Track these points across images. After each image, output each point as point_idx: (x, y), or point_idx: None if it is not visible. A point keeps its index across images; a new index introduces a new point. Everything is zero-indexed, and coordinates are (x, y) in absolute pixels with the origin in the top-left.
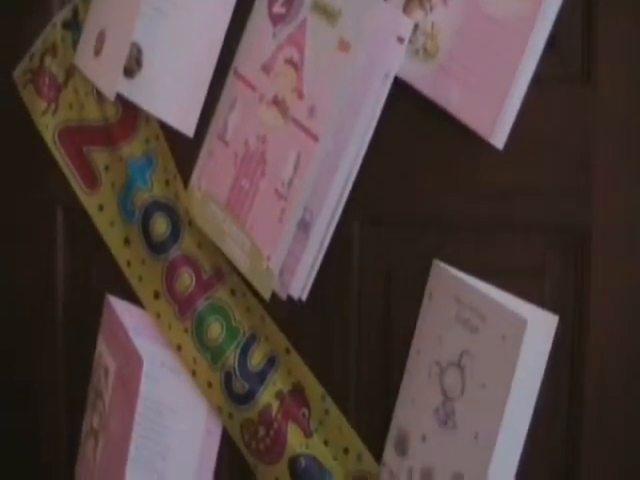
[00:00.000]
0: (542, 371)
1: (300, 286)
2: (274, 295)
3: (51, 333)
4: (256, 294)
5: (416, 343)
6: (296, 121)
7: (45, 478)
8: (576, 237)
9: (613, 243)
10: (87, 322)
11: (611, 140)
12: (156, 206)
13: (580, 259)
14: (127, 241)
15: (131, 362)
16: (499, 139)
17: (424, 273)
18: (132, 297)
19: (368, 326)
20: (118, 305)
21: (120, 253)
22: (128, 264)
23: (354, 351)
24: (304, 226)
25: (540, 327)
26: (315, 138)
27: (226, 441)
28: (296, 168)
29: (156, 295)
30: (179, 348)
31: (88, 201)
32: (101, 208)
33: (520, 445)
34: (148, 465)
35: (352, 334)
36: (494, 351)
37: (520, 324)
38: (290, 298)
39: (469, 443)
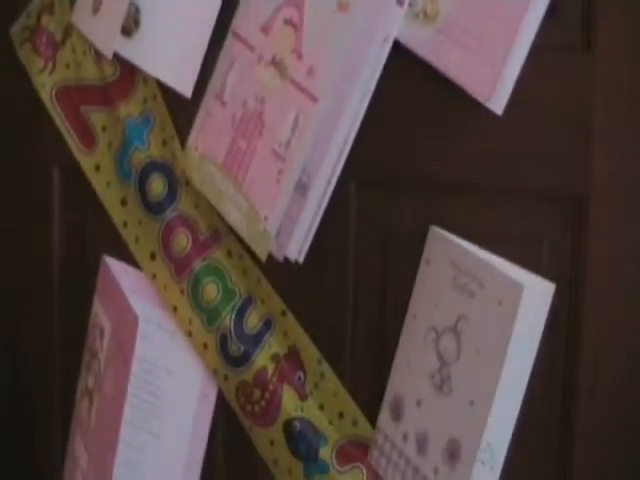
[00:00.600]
0: (538, 338)
1: (297, 248)
2: (271, 257)
3: (47, 294)
4: (253, 256)
5: (412, 308)
6: (294, 82)
7: (40, 437)
8: (574, 204)
9: (611, 210)
10: (83, 283)
11: (610, 107)
12: (153, 166)
13: (578, 226)
14: (124, 202)
15: (127, 322)
16: (498, 104)
17: (421, 238)
18: (128, 258)
19: (365, 290)
20: (114, 266)
21: (116, 214)
22: (124, 225)
23: (350, 315)
24: (301, 188)
25: (537, 294)
26: (314, 99)
27: (221, 403)
28: (294, 129)
29: (152, 256)
30: (175, 309)
31: (85, 161)
32: (98, 168)
33: (516, 411)
34: (143, 426)
35: (348, 298)
36: (490, 316)
37: (517, 289)
38: (287, 260)
39: (464, 408)
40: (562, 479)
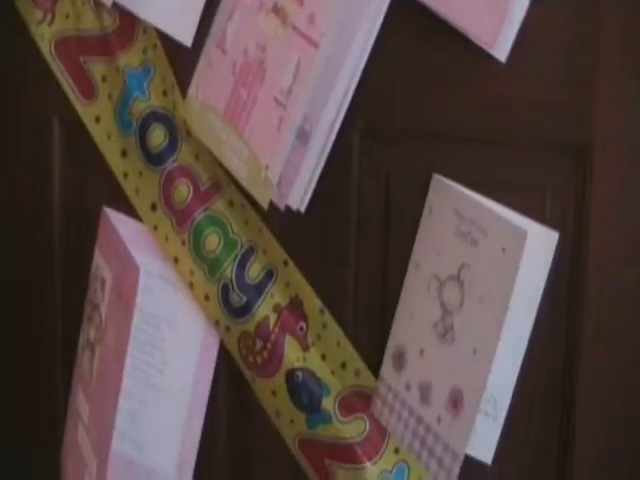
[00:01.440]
0: (542, 287)
1: (299, 197)
2: (272, 207)
3: (47, 246)
4: (254, 205)
5: (415, 257)
6: (296, 28)
7: (42, 391)
8: (578, 153)
9: (615, 159)
10: (84, 235)
11: (615, 55)
12: (153, 117)
13: (582, 175)
14: (124, 153)
15: (127, 272)
16: (502, 52)
17: (424, 187)
18: (129, 210)
19: (367, 240)
20: (115, 217)
21: (117, 165)
22: (125, 176)
23: (353, 265)
24: (303, 136)
25: (540, 243)
26: (315, 45)
27: (223, 355)
28: (295, 76)
29: (153, 207)
30: (176, 260)
31: (85, 112)
32: (98, 120)
33: (519, 360)
34: (145, 379)
35: (351, 248)
36: (494, 264)
37: (520, 236)
38: (288, 210)
39: (468, 357)
40: (565, 433)
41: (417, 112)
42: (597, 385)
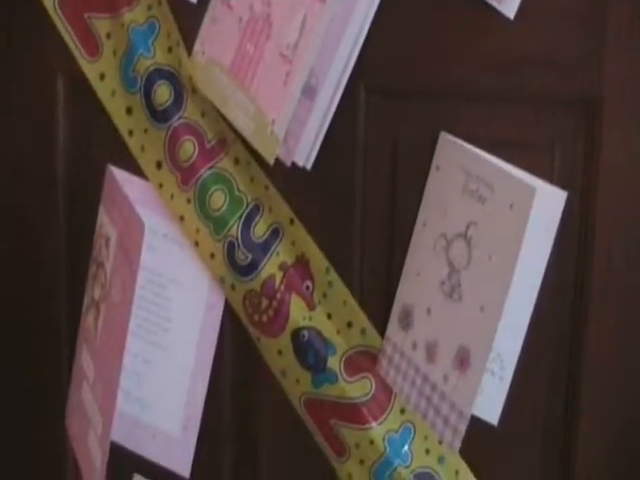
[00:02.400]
0: (549, 246)
1: (305, 154)
2: (278, 165)
3: (52, 205)
4: (260, 163)
5: (422, 216)
6: None
7: (47, 350)
8: (587, 109)
9: (624, 116)
10: (88, 193)
11: (623, 9)
12: (158, 73)
13: (590, 132)
14: (129, 110)
15: (132, 229)
16: (509, 7)
17: (431, 145)
18: (134, 168)
19: (373, 198)
20: (120, 175)
21: (122, 122)
22: (130, 133)
23: (359, 223)
24: (310, 91)
25: (548, 202)
26: None
27: (228, 314)
28: (302, 31)
29: (158, 165)
30: (181, 219)
31: (89, 69)
32: (102, 77)
33: (527, 318)
34: (150, 338)
35: (357, 206)
36: (502, 221)
37: (529, 192)
38: (294, 167)
39: (475, 315)
40: (572, 394)
41: (424, 69)
42: (605, 344)
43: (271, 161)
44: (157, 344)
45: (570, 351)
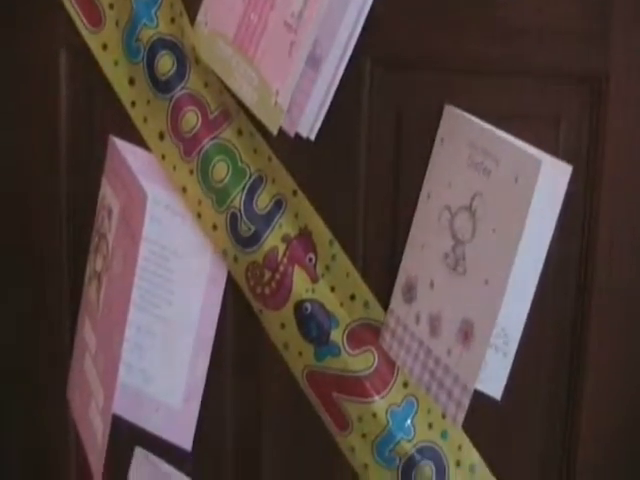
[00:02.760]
0: (554, 220)
1: (309, 125)
2: (282, 136)
3: (54, 176)
4: (264, 134)
5: (426, 188)
6: None
7: (49, 322)
8: (593, 83)
9: (631, 90)
10: (91, 164)
11: None
12: (161, 43)
13: (597, 106)
14: (132, 81)
15: (135, 199)
16: None
17: (435, 117)
18: (137, 139)
19: (377, 170)
20: (123, 147)
21: (124, 93)
22: (133, 104)
23: (362, 196)
24: (314, 62)
25: (553, 176)
26: None
27: (231, 287)
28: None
29: (161, 136)
30: (184, 190)
31: (92, 40)
32: (105, 47)
33: (531, 293)
34: (152, 310)
35: (361, 178)
36: (507, 194)
37: (534, 164)
38: (298, 138)
39: (479, 288)
40: (575, 371)
41: (430, 41)
42: (608, 320)
43: (275, 132)
44: (159, 316)
45: (573, 327)
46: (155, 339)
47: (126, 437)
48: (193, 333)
